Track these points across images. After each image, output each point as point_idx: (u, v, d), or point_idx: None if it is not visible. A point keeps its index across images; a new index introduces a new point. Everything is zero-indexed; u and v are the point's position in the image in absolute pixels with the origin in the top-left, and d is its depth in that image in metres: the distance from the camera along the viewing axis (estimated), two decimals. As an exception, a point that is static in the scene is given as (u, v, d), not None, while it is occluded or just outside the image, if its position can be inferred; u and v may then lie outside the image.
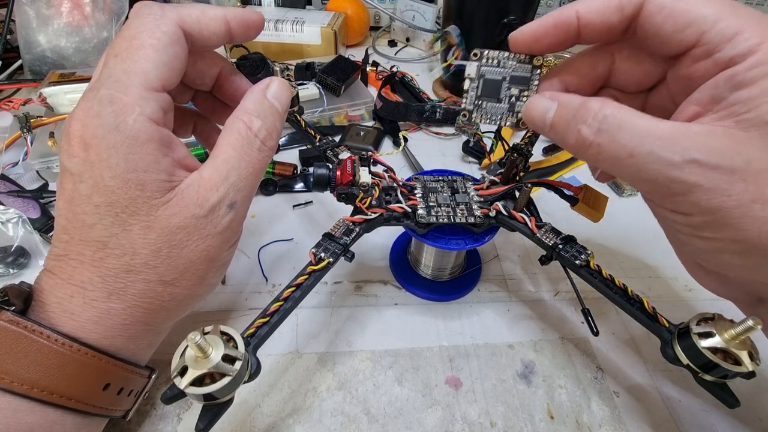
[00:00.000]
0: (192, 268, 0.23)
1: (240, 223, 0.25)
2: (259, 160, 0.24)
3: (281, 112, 0.25)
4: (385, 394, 0.30)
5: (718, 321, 0.21)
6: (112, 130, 0.20)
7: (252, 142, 0.23)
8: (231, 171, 0.22)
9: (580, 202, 0.31)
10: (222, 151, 0.23)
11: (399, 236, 0.41)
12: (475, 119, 0.26)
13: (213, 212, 0.22)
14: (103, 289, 0.21)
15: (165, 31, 0.21)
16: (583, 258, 0.25)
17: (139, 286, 0.22)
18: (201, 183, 0.22)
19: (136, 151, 0.20)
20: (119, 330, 0.22)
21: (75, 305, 0.21)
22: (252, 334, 0.23)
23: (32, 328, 0.20)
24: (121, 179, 0.20)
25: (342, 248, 0.27)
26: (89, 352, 0.21)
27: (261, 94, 0.25)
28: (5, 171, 0.44)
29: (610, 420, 0.29)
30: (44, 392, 0.20)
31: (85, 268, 0.21)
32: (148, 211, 0.21)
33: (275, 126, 0.25)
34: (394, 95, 0.61)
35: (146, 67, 0.21)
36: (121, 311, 0.22)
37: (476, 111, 0.26)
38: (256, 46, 0.67)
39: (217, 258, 0.24)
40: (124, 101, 0.20)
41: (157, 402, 0.29)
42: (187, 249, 0.22)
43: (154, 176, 0.21)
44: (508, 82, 0.25)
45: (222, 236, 0.23)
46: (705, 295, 0.38)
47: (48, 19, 0.55)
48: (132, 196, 0.20)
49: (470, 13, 0.54)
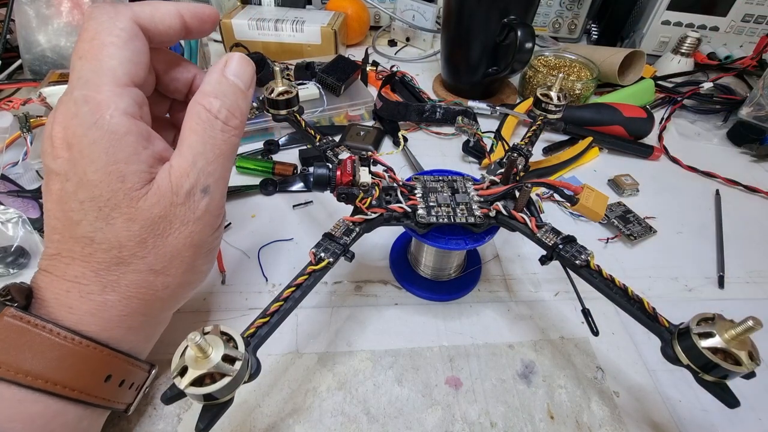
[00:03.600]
0: (179, 255, 0.23)
1: (218, 206, 0.25)
2: (224, 141, 0.24)
3: (243, 89, 0.25)
4: (385, 394, 0.30)
5: (718, 321, 0.21)
6: (91, 127, 0.20)
7: (213, 123, 0.23)
8: (197, 156, 0.23)
9: (580, 201, 0.31)
10: (185, 137, 0.23)
11: (399, 236, 0.41)
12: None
13: (189, 198, 0.23)
14: (97, 282, 0.22)
15: (122, 28, 0.22)
16: (583, 258, 0.25)
17: (131, 277, 0.23)
18: (172, 172, 0.22)
19: (116, 144, 0.21)
20: (117, 321, 0.23)
21: (72, 299, 0.22)
22: (252, 334, 0.23)
23: (35, 322, 0.21)
24: (102, 172, 0.21)
25: (342, 248, 0.27)
26: (90, 344, 0.22)
27: (219, 74, 0.24)
28: (5, 171, 0.44)
29: (610, 420, 0.29)
30: (48, 383, 0.20)
31: (76, 264, 0.22)
32: (129, 204, 0.21)
33: (237, 104, 0.24)
34: (394, 95, 0.61)
35: (112, 64, 0.21)
36: (116, 303, 0.23)
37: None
38: (256, 46, 0.67)
39: (203, 243, 0.25)
40: (98, 99, 0.21)
41: (157, 402, 0.29)
42: (171, 237, 0.23)
43: (135, 167, 0.21)
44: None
45: (202, 221, 0.24)
46: (705, 295, 0.38)
47: (48, 19, 0.55)
48: (113, 188, 0.21)
49: (470, 13, 0.54)
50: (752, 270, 0.40)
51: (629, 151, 0.54)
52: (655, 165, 0.53)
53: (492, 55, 0.57)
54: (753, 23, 0.70)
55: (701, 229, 0.45)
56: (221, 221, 0.26)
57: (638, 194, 0.48)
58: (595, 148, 0.53)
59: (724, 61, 0.70)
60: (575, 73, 0.62)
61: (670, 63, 0.71)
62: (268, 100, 0.36)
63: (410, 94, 0.62)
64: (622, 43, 0.79)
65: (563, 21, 0.80)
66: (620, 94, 0.61)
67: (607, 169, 0.51)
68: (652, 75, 0.69)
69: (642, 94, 0.61)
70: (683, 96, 0.63)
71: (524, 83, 0.64)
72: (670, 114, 0.61)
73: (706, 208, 0.47)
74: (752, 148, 0.56)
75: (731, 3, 0.68)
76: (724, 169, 0.51)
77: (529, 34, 0.50)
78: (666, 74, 0.70)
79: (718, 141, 0.59)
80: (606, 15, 0.79)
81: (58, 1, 0.55)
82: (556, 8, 0.79)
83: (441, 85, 0.66)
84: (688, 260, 0.41)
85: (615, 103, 0.56)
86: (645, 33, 0.73)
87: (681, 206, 0.47)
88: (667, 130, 0.59)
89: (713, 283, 0.39)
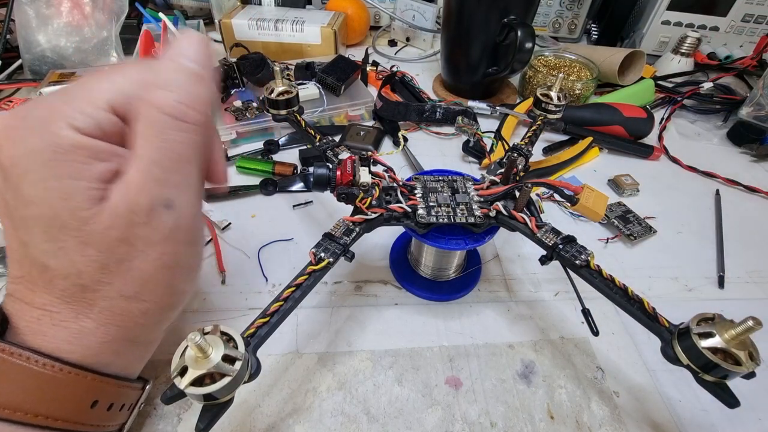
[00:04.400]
0: (152, 279, 0.21)
1: (190, 219, 0.21)
2: (182, 142, 0.20)
3: (200, 72, 0.20)
4: (385, 394, 0.30)
5: (718, 321, 0.21)
6: (31, 134, 0.18)
7: (164, 123, 0.19)
8: (151, 166, 0.19)
9: (580, 201, 0.31)
10: (135, 144, 0.19)
11: (399, 236, 0.41)
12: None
13: (149, 217, 0.19)
14: (68, 309, 0.20)
15: (181, 69, 0.20)
16: (583, 258, 0.25)
17: (104, 304, 0.20)
18: (128, 187, 0.19)
19: (59, 158, 0.18)
20: (100, 348, 0.21)
21: (45, 327, 0.20)
22: (252, 334, 0.23)
23: (10, 350, 0.19)
24: (41, 187, 0.18)
25: (342, 248, 0.27)
26: (72, 370, 0.20)
27: (168, 61, 0.20)
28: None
29: (610, 420, 0.29)
30: (28, 415, 0.19)
31: (39, 290, 0.20)
32: (78, 226, 0.18)
33: (194, 93, 0.20)
34: (394, 95, 0.61)
35: (103, 87, 0.19)
36: (94, 329, 0.20)
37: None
38: (256, 46, 0.67)
39: (178, 264, 0.21)
40: (59, 108, 0.18)
41: (157, 402, 0.29)
42: (137, 261, 0.20)
43: (82, 184, 0.18)
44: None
45: (173, 240, 0.20)
46: (705, 295, 0.38)
47: (48, 19, 0.55)
48: (56, 207, 0.18)
49: (470, 13, 0.54)
50: (752, 270, 0.40)
51: (629, 151, 0.54)
52: (655, 165, 0.53)
53: (492, 55, 0.57)
54: (753, 23, 0.70)
55: (701, 229, 0.45)
56: (199, 236, 0.23)
57: (638, 194, 0.48)
58: (595, 148, 0.53)
59: (724, 61, 0.70)
60: (575, 73, 0.62)
61: (670, 63, 0.71)
62: (268, 100, 0.36)
63: (410, 94, 0.62)
64: (622, 43, 0.79)
65: (563, 21, 0.80)
66: (620, 94, 0.61)
67: (607, 169, 0.51)
68: (652, 75, 0.69)
69: (642, 94, 0.61)
70: (683, 96, 0.63)
71: (524, 83, 0.64)
72: (670, 114, 0.61)
73: (706, 208, 0.47)
74: (752, 148, 0.56)
75: (731, 3, 0.68)
76: (724, 169, 0.51)
77: (529, 34, 0.50)
78: (666, 74, 0.70)
79: (718, 141, 0.59)
80: (606, 15, 0.79)
81: (58, 1, 0.55)
82: (556, 8, 0.79)
83: (441, 85, 0.66)
84: (688, 260, 0.41)
85: (615, 103, 0.56)
86: (645, 33, 0.73)
87: (681, 206, 0.47)
88: (667, 130, 0.59)
89: (713, 283, 0.39)
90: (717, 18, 0.70)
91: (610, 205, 0.45)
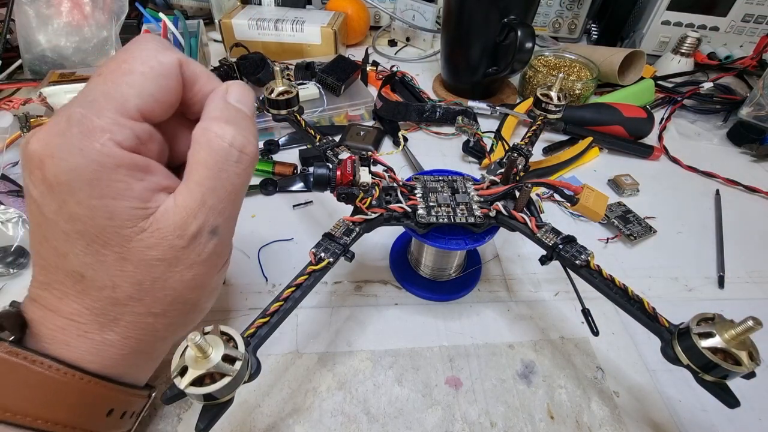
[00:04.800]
0: (180, 298, 0.22)
1: (226, 245, 0.23)
2: (238, 175, 0.21)
3: (251, 117, 0.23)
4: (385, 394, 0.30)
5: (718, 321, 0.21)
6: (74, 153, 0.18)
7: (228, 154, 0.20)
8: (207, 194, 0.20)
9: (580, 201, 0.31)
10: (194, 170, 0.20)
11: (399, 236, 0.41)
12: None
13: (194, 241, 0.20)
14: (94, 321, 0.20)
15: (161, 61, 0.20)
16: (583, 258, 0.25)
17: (130, 318, 0.21)
18: (177, 211, 0.20)
19: (103, 177, 0.18)
20: (118, 360, 0.22)
21: (69, 337, 0.20)
22: (252, 334, 0.22)
23: (32, 358, 0.19)
24: (86, 206, 0.18)
25: (342, 248, 0.27)
26: (92, 379, 0.20)
27: (223, 100, 0.22)
28: (5, 171, 0.44)
29: (610, 420, 0.29)
30: (48, 423, 0.19)
31: (70, 299, 0.20)
32: (120, 243, 0.19)
33: (251, 130, 0.22)
34: (394, 95, 0.61)
35: (128, 93, 0.19)
36: (117, 342, 0.21)
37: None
38: (256, 45, 0.67)
39: (207, 284, 0.23)
40: (94, 124, 0.18)
41: (157, 402, 0.29)
42: (171, 280, 0.21)
43: (125, 204, 0.19)
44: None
45: (208, 263, 0.22)
46: (705, 295, 0.38)
47: (48, 19, 0.55)
48: (101, 225, 0.19)
49: (470, 13, 0.54)
50: (752, 270, 0.40)
51: (629, 151, 0.54)
52: (655, 165, 0.53)
53: (492, 55, 0.57)
54: (753, 23, 0.70)
55: (701, 229, 0.45)
56: (228, 258, 0.24)
57: (638, 194, 0.48)
58: (595, 148, 0.53)
59: (724, 61, 0.70)
60: (575, 73, 0.62)
61: (670, 63, 0.71)
62: (268, 100, 0.36)
63: (410, 94, 0.62)
64: (622, 43, 0.79)
65: (563, 21, 0.80)
66: (620, 94, 0.61)
67: (607, 169, 0.51)
68: (652, 75, 0.69)
69: (642, 94, 0.61)
70: (683, 96, 0.63)
71: (524, 83, 0.64)
72: (670, 114, 0.61)
73: (706, 208, 0.47)
74: (752, 148, 0.56)
75: (731, 3, 0.68)
76: (724, 169, 0.51)
77: (529, 34, 0.50)
78: (666, 74, 0.70)
79: (718, 141, 0.59)
80: (606, 15, 0.79)
81: (58, 1, 0.55)
82: (556, 8, 0.79)
83: (441, 85, 0.66)
84: (688, 260, 0.41)
85: (615, 103, 0.56)
86: (645, 33, 0.73)
87: (681, 206, 0.47)
88: (667, 130, 0.59)
89: (713, 283, 0.39)
90: (717, 18, 0.70)
91: (610, 205, 0.45)
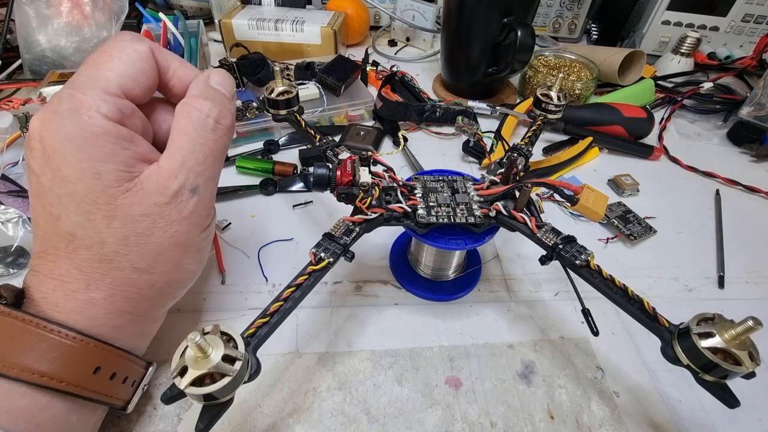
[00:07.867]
0: (164, 254, 0.24)
1: (207, 207, 0.25)
2: (214, 140, 0.24)
3: (229, 97, 0.26)
4: (385, 394, 0.30)
5: (718, 321, 0.21)
6: (67, 124, 0.21)
7: (204, 123, 0.24)
8: (187, 156, 0.23)
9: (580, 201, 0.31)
10: (175, 138, 0.24)
11: (399, 236, 0.41)
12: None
13: (176, 198, 0.23)
14: (81, 280, 0.22)
15: (136, 49, 0.24)
16: (583, 258, 0.25)
17: (115, 275, 0.23)
18: (160, 172, 0.23)
19: (91, 143, 0.21)
20: (103, 319, 0.23)
21: (58, 297, 0.22)
22: (252, 334, 0.23)
23: (22, 317, 0.21)
24: (76, 168, 0.21)
25: (342, 248, 0.27)
26: (77, 336, 0.22)
27: (204, 83, 0.26)
28: (5, 171, 0.44)
29: (610, 420, 0.29)
30: (34, 375, 0.21)
31: (61, 261, 0.22)
32: (107, 201, 0.22)
33: (227, 106, 0.25)
34: (394, 95, 0.61)
35: (109, 75, 0.23)
36: (101, 300, 0.23)
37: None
38: (256, 46, 0.67)
39: (190, 243, 0.25)
40: (81, 99, 0.21)
41: (157, 402, 0.29)
42: (155, 236, 0.23)
43: (111, 166, 0.22)
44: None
45: (189, 221, 0.24)
46: (705, 295, 0.38)
47: (48, 19, 0.55)
48: (89, 185, 0.21)
49: (470, 13, 0.54)
50: (752, 270, 0.40)
51: (629, 151, 0.54)
52: (655, 165, 0.53)
53: (492, 55, 0.57)
54: (753, 23, 0.70)
55: (701, 229, 0.45)
56: (210, 221, 0.27)
57: (638, 194, 0.48)
58: (595, 148, 0.53)
59: (724, 61, 0.70)
60: (575, 73, 0.62)
61: (670, 63, 0.71)
62: (268, 100, 0.36)
63: (410, 94, 0.62)
64: (622, 43, 0.79)
65: (563, 21, 0.80)
66: (620, 94, 0.61)
67: (607, 169, 0.51)
68: (652, 75, 0.69)
69: (642, 94, 0.61)
70: (683, 96, 0.63)
71: (524, 83, 0.64)
72: (670, 114, 0.61)
73: (706, 208, 0.47)
74: (752, 148, 0.56)
75: (731, 3, 0.68)
76: (724, 169, 0.51)
77: (529, 34, 0.50)
78: (666, 74, 0.70)
79: (718, 141, 0.59)
80: (606, 15, 0.79)
81: (58, 1, 0.55)
82: (556, 8, 0.79)
83: (441, 85, 0.66)
84: (688, 260, 0.41)
85: (615, 103, 0.56)
86: (645, 33, 0.73)
87: (681, 206, 0.47)
88: (667, 130, 0.59)
89: (713, 283, 0.39)
90: (717, 18, 0.70)
91: (610, 205, 0.45)
